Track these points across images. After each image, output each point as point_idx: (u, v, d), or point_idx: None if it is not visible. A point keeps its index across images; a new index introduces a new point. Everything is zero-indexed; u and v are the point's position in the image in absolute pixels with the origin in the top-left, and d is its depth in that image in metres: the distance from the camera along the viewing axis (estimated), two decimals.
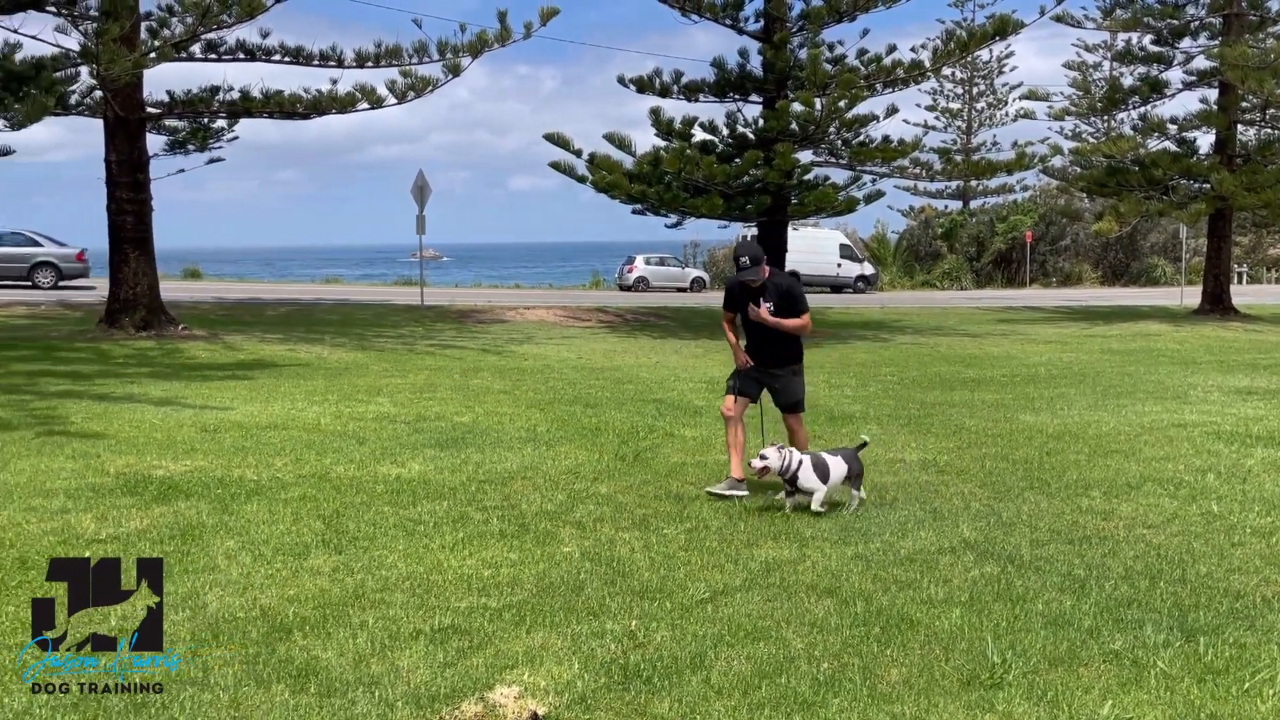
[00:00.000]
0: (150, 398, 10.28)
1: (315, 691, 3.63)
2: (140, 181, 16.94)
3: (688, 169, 20.47)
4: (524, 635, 4.21)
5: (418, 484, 6.84)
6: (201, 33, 16.13)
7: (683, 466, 7.62)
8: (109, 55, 13.81)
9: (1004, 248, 44.94)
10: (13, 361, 12.77)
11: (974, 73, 51.06)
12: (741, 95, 22.74)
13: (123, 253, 17.17)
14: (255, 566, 4.98)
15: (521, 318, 24.28)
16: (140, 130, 16.99)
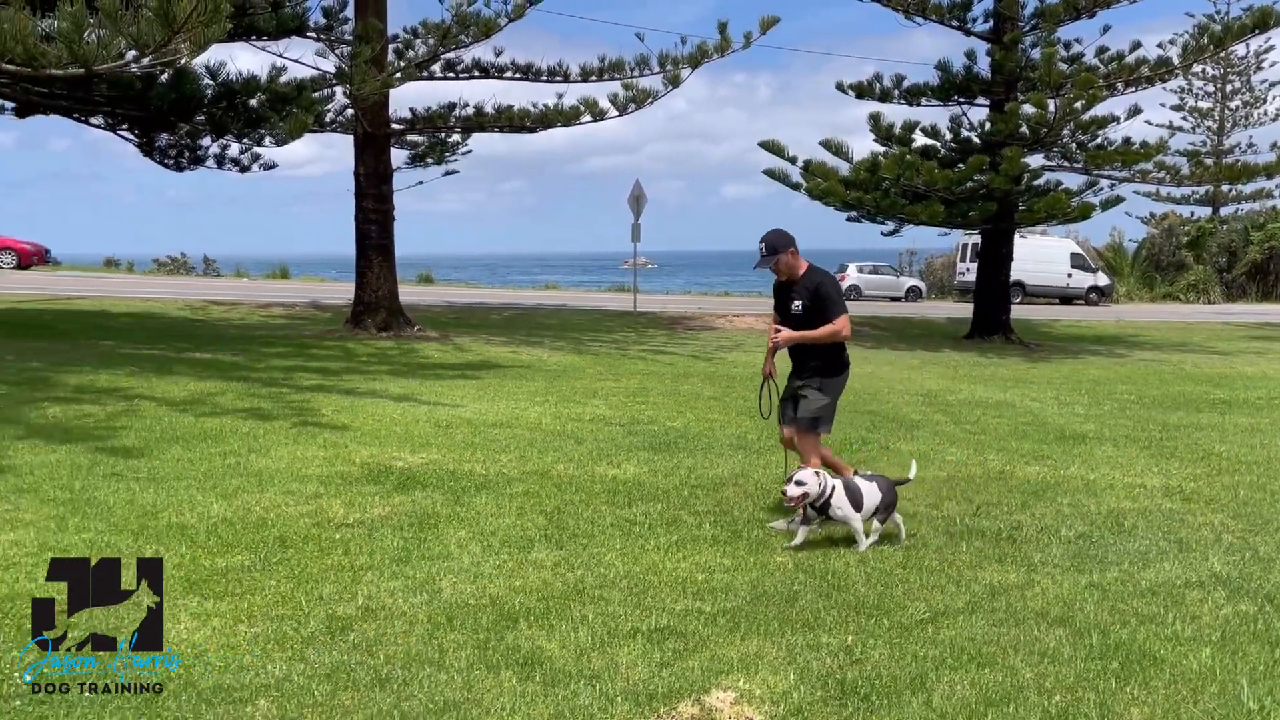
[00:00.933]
0: (390, 394, 11.04)
1: (540, 680, 3.79)
2: (384, 193, 18.22)
3: (907, 174, 19.92)
4: (738, 642, 4.23)
5: (633, 485, 7.01)
6: (441, 53, 17.19)
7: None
8: (361, 76, 14.95)
9: (1260, 258, 40.98)
10: (272, 357, 14.04)
11: (1228, 69, 46.84)
12: (967, 98, 21.91)
13: (367, 259, 18.52)
14: (484, 556, 5.26)
15: (731, 325, 24.37)
16: (386, 145, 18.29)
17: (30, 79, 10.79)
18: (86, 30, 7.95)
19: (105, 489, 6.17)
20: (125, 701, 3.46)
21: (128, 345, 14.40)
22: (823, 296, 6.05)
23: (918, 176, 19.91)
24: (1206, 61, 34.82)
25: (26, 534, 5.20)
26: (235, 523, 5.62)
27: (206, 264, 40.43)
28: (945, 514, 6.47)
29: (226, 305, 22.61)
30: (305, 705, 3.50)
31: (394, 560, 5.13)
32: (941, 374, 15.73)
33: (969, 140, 21.69)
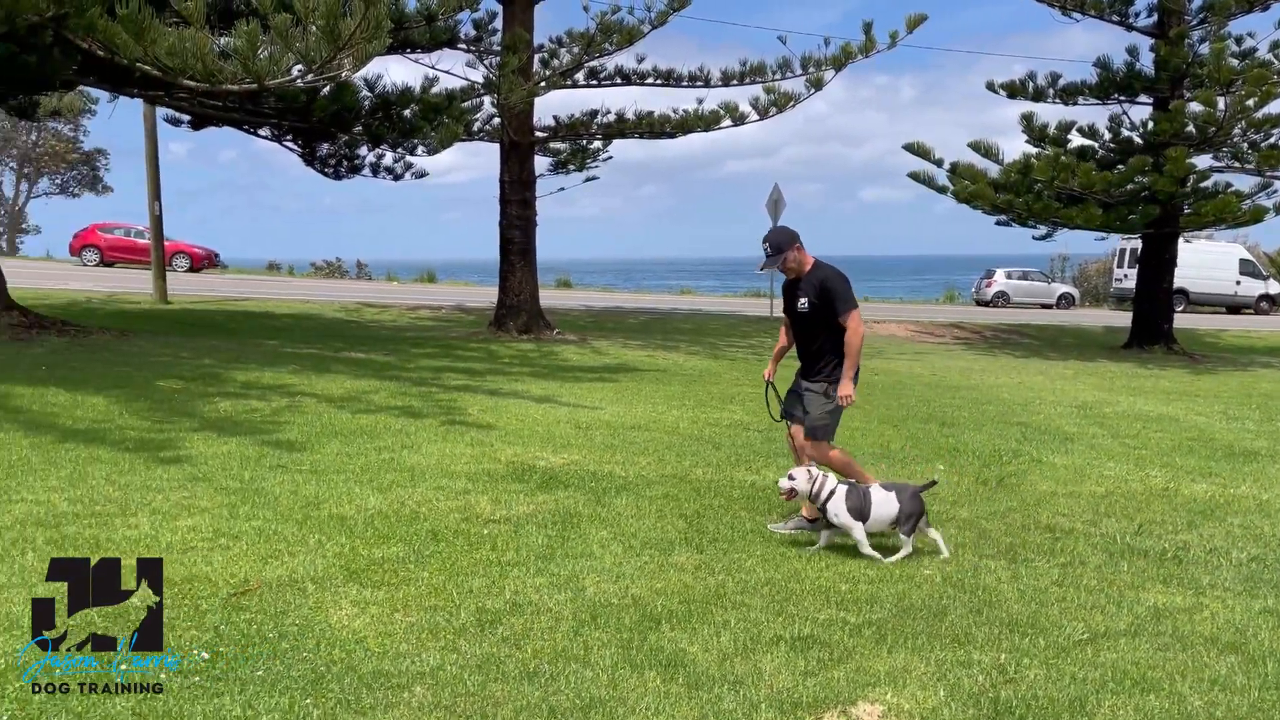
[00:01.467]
0: (531, 395, 11.29)
1: (684, 682, 3.81)
2: (528, 199, 18.68)
3: (1061, 176, 19.12)
4: (885, 654, 4.15)
5: (772, 492, 6.95)
6: (585, 61, 17.52)
7: (1053, 496, 7.14)
8: (508, 85, 15.38)
9: None
10: (421, 358, 14.56)
11: None
12: (1128, 96, 20.88)
13: (510, 263, 19.02)
14: (626, 557, 5.32)
15: (871, 332, 23.90)
16: (530, 153, 18.74)
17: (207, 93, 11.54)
18: (260, 48, 8.44)
19: (271, 480, 6.52)
20: (293, 683, 3.65)
21: (289, 344, 15.20)
22: (829, 292, 5.85)
23: (1073, 178, 19.09)
24: None
25: (203, 520, 5.55)
26: (390, 515, 5.86)
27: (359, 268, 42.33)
28: (1104, 531, 6.19)
29: (378, 308, 23.59)
30: (458, 694, 3.62)
31: (539, 557, 5.24)
32: (1097, 385, 15.03)
33: (1130, 140, 20.67)
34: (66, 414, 8.37)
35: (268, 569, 4.81)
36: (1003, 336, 24.20)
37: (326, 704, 3.50)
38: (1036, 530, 6.17)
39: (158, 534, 5.24)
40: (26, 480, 6.17)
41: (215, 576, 4.66)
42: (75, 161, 56.17)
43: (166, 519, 5.50)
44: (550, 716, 3.50)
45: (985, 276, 38.64)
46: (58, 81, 12.80)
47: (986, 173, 20.33)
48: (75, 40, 9.38)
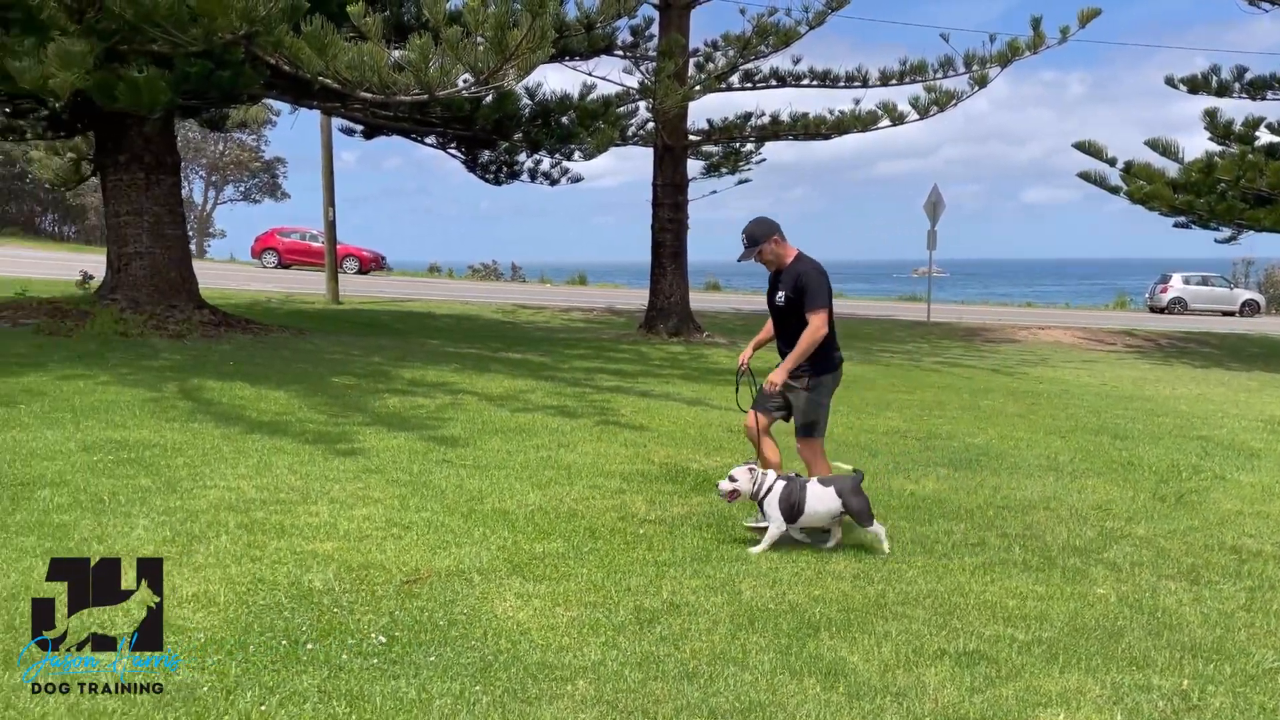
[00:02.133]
0: (682, 397, 11.36)
1: (844, 691, 3.77)
2: (680, 203, 18.81)
3: (1248, 176, 17.90)
4: (1057, 674, 3.99)
5: (932, 502, 6.79)
6: (740, 64, 17.51)
7: (1239, 515, 6.70)
8: (664, 90, 15.53)
9: None
10: (574, 358, 14.87)
11: None
12: None
13: (661, 266, 19.19)
14: (782, 563, 5.29)
15: (1034, 338, 22.98)
16: (683, 156, 18.87)
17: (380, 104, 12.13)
18: (431, 59, 8.82)
19: (438, 474, 6.80)
20: (462, 670, 3.80)
21: (450, 344, 15.79)
22: (802, 288, 5.68)
23: (1261, 178, 17.84)
24: None
25: (376, 510, 5.84)
26: (550, 512, 6.02)
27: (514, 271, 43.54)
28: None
29: (532, 309, 24.21)
30: (620, 690, 3.69)
31: (694, 559, 5.28)
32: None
33: None
34: (252, 407, 8.95)
35: (436, 559, 5.02)
36: (1179, 345, 22.83)
37: (495, 692, 3.63)
38: (1220, 551, 5.81)
39: (336, 522, 5.55)
40: (219, 468, 6.64)
41: (389, 564, 4.90)
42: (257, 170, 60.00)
43: (344, 508, 5.81)
44: (710, 717, 3.53)
45: (1160, 281, 36.52)
46: (246, 95, 13.73)
47: (1164, 172, 19.25)
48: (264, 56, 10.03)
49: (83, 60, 9.20)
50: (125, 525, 5.26)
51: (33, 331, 12.35)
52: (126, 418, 8.09)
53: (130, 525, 5.26)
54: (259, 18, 9.03)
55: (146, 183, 13.81)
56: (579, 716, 3.49)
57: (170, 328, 13.22)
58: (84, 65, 9.25)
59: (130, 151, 13.74)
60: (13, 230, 45.08)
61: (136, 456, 6.78)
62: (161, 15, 9.09)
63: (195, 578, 4.54)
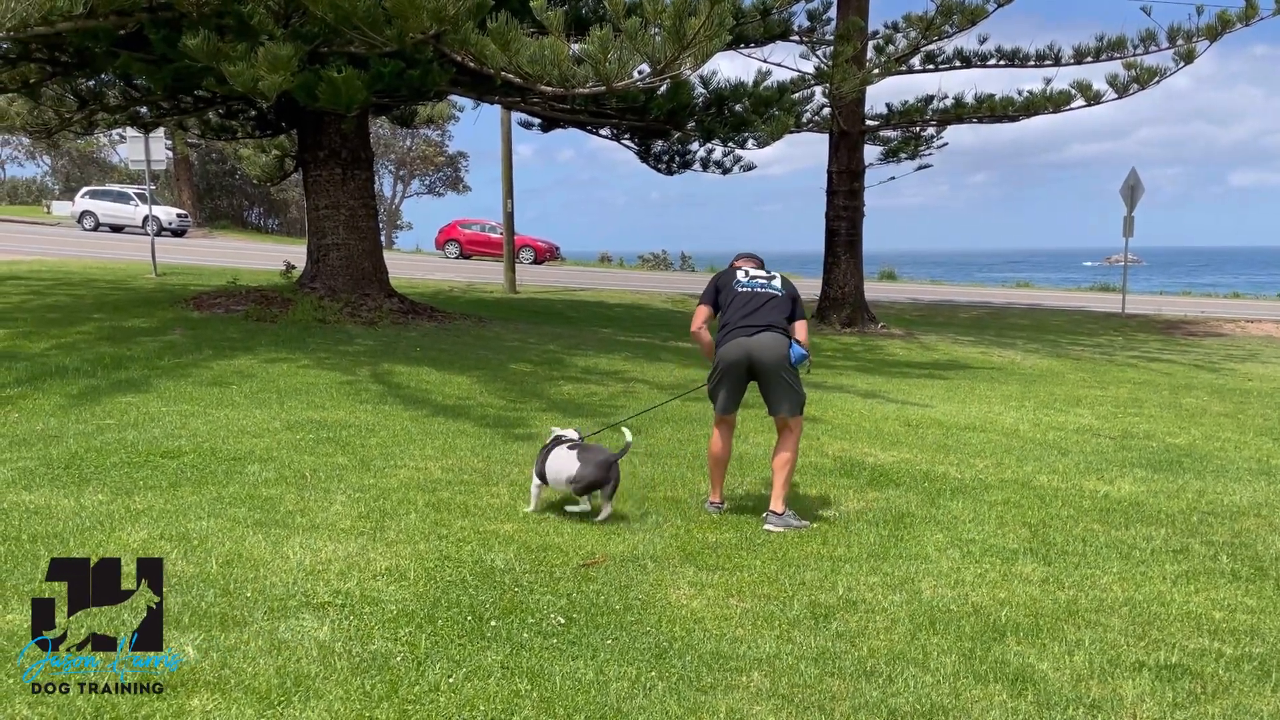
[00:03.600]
0: (857, 389, 11.13)
1: (1033, 699, 3.60)
2: (856, 190, 18.41)
3: None
4: (1269, 693, 3.69)
5: (1129, 505, 6.39)
6: (922, 45, 16.94)
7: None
8: (841, 74, 15.22)
9: None
10: None
11: None
12: None
13: (834, 255, 18.84)
14: (964, 563, 5.10)
15: (1243, 331, 21.30)
16: (859, 142, 18.45)
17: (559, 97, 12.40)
18: (610, 51, 8.94)
19: None
20: (638, 654, 3.85)
21: (621, 333, 16.03)
22: None
23: None
24: None
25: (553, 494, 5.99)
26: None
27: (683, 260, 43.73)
28: None
29: None
30: (795, 685, 3.65)
31: (871, 555, 5.16)
32: None
33: None
34: (437, 391, 9.35)
35: (611, 544, 5.11)
36: None
37: (670, 679, 3.66)
38: None
39: (515, 504, 5.73)
40: (408, 449, 6.97)
41: (566, 547, 5.02)
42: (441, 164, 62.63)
43: (523, 490, 5.99)
44: (890, 717, 3.44)
45: None
46: (433, 92, 14.30)
47: None
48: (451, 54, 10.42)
49: (288, 63, 9.82)
50: (325, 501, 5.60)
51: (243, 318, 13.32)
52: (325, 399, 8.61)
53: (329, 501, 5.60)
54: (448, 16, 9.38)
55: (343, 178, 14.63)
56: (755, 708, 3.48)
57: (363, 315, 13.98)
58: (289, 67, 9.86)
59: (329, 148, 14.58)
60: (224, 223, 48.82)
61: (334, 436, 7.21)
62: (360, 17, 9.59)
63: (388, 552, 4.78)
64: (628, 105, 14.58)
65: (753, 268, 6.08)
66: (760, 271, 6.04)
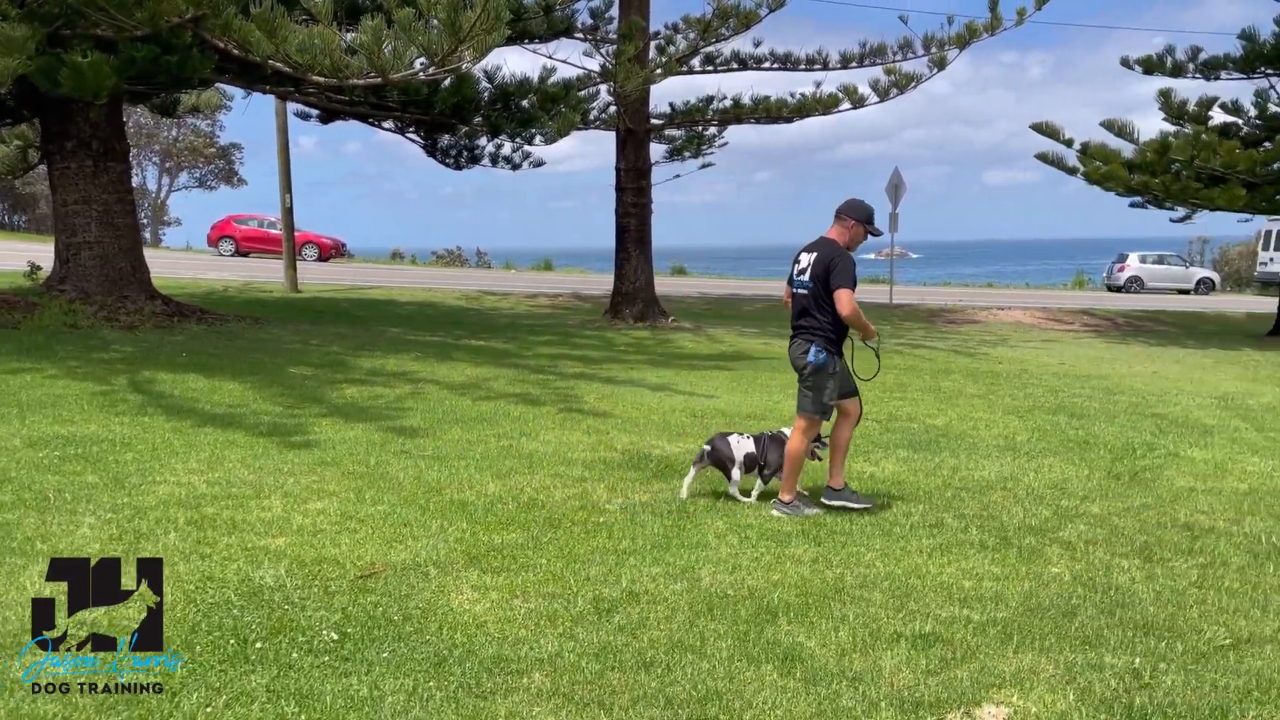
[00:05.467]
0: (647, 383, 11.33)
1: (801, 677, 3.76)
2: (643, 187, 18.74)
3: (1202, 156, 18.11)
4: (1011, 655, 4.01)
5: (891, 484, 6.81)
6: (701, 46, 17.43)
7: (1192, 492, 6.78)
8: (624, 73, 15.43)
9: None
10: (538, 345, 14.79)
11: None
12: (1275, 70, 19.60)
13: (625, 251, 19.12)
14: (742, 548, 5.28)
15: (995, 318, 23.19)
16: (645, 140, 18.78)
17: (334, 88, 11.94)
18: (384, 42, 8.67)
19: (396, 465, 6.72)
20: (416, 665, 3.75)
21: (412, 332, 15.65)
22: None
23: (1215, 158, 18.06)
24: None
25: (331, 503, 5.76)
26: (509, 502, 5.96)
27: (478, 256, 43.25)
28: (1247, 531, 5.85)
29: (497, 295, 24.06)
30: (576, 681, 3.66)
31: (655, 546, 5.25)
32: (1240, 375, 14.22)
33: (1277, 116, 19.43)
34: (205, 399, 8.80)
35: (392, 552, 4.96)
36: (1136, 324, 23.14)
37: (449, 687, 3.58)
38: (1173, 528, 5.87)
39: (289, 516, 5.46)
40: (169, 463, 6.51)
41: (343, 559, 4.83)
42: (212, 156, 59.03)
43: (297, 502, 5.72)
44: (667, 706, 3.51)
45: (1118, 261, 36.97)
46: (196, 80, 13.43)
47: (1120, 153, 19.42)
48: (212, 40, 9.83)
49: (24, 45, 8.96)
50: (70, 524, 5.15)
51: None
52: (74, 412, 7.92)
53: (75, 524, 5.15)
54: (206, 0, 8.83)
55: (95, 170, 13.51)
56: (534, 710, 3.46)
57: (121, 319, 12.98)
58: (25, 51, 9.01)
59: (77, 138, 13.43)
60: None
61: (83, 452, 6.64)
62: None
63: None
64: (410, 98, 14.23)
65: (805, 254, 5.97)
66: (804, 258, 5.94)
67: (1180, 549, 5.46)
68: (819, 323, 5.84)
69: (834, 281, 5.71)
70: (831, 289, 5.72)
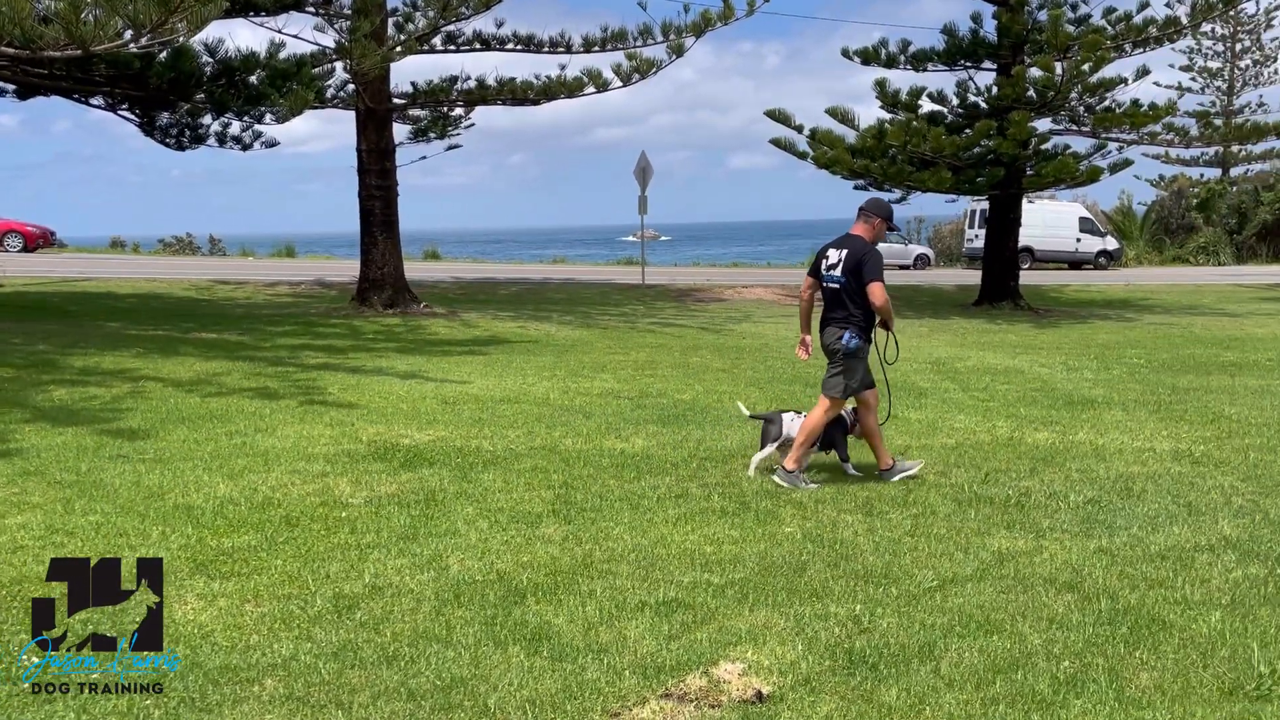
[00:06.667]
0: (397, 371, 11.03)
1: (548, 655, 3.79)
2: (387, 169, 18.13)
3: (914, 141, 19.73)
4: (747, 613, 4.22)
5: (641, 459, 6.99)
6: (442, 25, 17.04)
7: (907, 449, 7.40)
8: (360, 50, 14.83)
9: (1271, 219, 40.59)
10: (278, 336, 14.04)
11: (1237, 28, 46.11)
12: (973, 62, 21.65)
13: (371, 236, 18.45)
14: (492, 533, 5.25)
15: (740, 296, 24.29)
16: (387, 120, 18.17)
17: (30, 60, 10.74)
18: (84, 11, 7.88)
19: (111, 471, 6.17)
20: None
21: (134, 326, 14.42)
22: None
23: (925, 143, 19.72)
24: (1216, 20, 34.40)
25: (34, 517, 5.21)
26: (241, 503, 5.63)
27: (212, 244, 40.44)
28: (954, 481, 6.45)
29: (232, 285, 22.61)
30: (312, 684, 3.51)
31: (401, 538, 5.13)
32: (950, 341, 15.66)
33: (976, 105, 21.46)
34: None
35: None
36: None
37: (168, 704, 3.33)
38: (891, 483, 6.38)
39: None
40: None
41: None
42: None
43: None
44: (410, 699, 3.43)
45: None
46: None
47: (844, 139, 20.81)
48: None
49: None
50: None
51: None
52: None
53: None
54: None
55: None
56: (266, 717, 3.28)
57: None
58: None
59: None
60: None
61: None
62: None
63: None
64: (120, 72, 13.04)
65: (833, 250, 6.37)
66: (833, 254, 6.36)
67: (897, 502, 5.94)
68: (851, 313, 6.29)
69: (867, 275, 6.18)
70: (865, 282, 6.18)
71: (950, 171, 20.19)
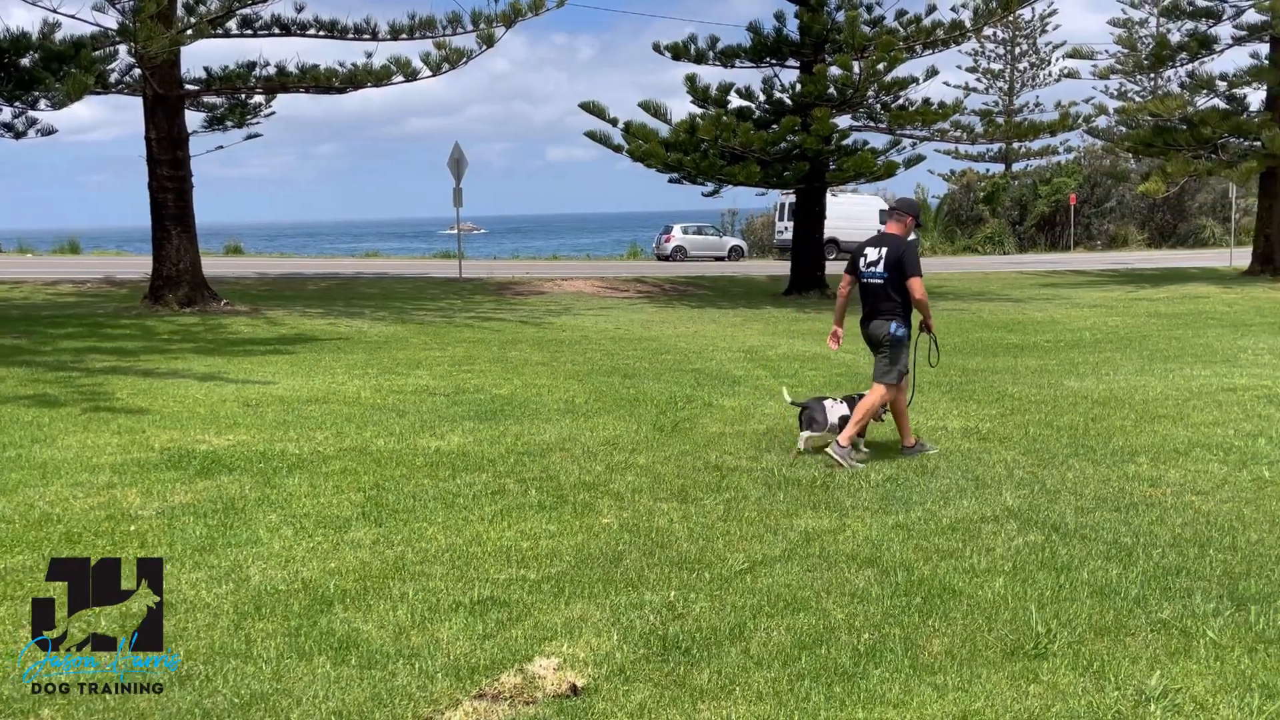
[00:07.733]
0: (194, 373, 10.41)
1: (356, 663, 3.65)
2: (180, 159, 17.09)
3: (724, 136, 20.27)
4: (562, 607, 4.21)
5: (456, 456, 6.87)
6: (237, 8, 16.20)
7: (721, 436, 7.58)
8: (146, 32, 13.89)
9: (1048, 211, 44.16)
10: (60, 339, 12.99)
11: (1016, 32, 49.90)
12: (778, 60, 22.43)
13: (164, 230, 17.36)
14: (297, 540, 5.03)
15: (559, 289, 24.28)
16: (179, 107, 17.12)
17: None
18: None
19: None
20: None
21: None
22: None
23: (734, 138, 20.28)
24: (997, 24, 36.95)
25: None
26: (15, 520, 5.17)
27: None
28: (764, 466, 6.65)
29: (8, 284, 20.78)
30: (95, 712, 3.25)
31: (197, 550, 4.84)
32: (762, 330, 16.18)
33: (781, 102, 22.23)
34: None
35: None
36: (680, 289, 25.42)
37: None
38: (705, 470, 6.52)
39: None
40: None
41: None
42: None
43: None
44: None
45: (664, 232, 40.36)
46: None
47: (658, 132, 21.14)
48: None
49: None
50: None
51: None
52: None
53: None
54: None
55: None
56: None
57: None
58: None
59: None
60: None
61: None
62: None
63: None
64: None
65: (871, 249, 6.83)
66: (871, 252, 6.81)
67: (710, 487, 6.08)
68: (893, 305, 6.72)
69: (908, 270, 6.64)
70: (906, 276, 6.64)
71: (759, 166, 20.86)
